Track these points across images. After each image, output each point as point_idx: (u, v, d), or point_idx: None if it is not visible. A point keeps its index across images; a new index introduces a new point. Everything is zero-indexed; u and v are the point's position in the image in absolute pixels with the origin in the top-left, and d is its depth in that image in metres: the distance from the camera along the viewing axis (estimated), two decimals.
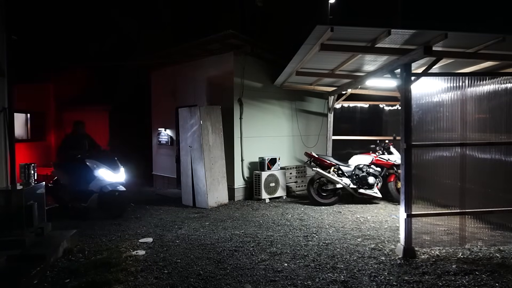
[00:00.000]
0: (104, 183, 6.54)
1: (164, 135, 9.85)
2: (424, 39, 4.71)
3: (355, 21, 4.63)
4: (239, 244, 4.92)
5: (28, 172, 4.80)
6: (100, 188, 6.51)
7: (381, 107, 10.09)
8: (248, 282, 3.73)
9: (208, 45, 7.85)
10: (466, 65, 6.11)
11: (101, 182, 6.53)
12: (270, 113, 8.74)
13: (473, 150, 4.67)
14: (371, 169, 7.53)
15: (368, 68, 6.60)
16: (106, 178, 6.60)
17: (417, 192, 4.53)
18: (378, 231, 5.47)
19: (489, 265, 4.11)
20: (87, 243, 5.04)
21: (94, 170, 6.55)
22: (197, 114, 7.32)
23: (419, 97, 4.57)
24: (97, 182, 6.53)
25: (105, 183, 6.55)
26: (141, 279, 3.82)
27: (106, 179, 6.59)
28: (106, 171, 6.62)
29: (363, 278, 3.79)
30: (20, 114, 10.26)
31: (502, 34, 4.64)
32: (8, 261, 3.97)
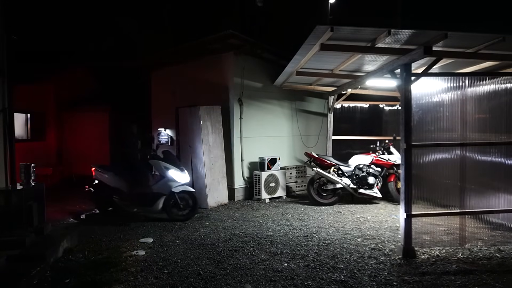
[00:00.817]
0: (175, 185, 6.31)
1: (164, 135, 9.84)
2: (424, 39, 4.71)
3: (355, 21, 4.63)
4: (239, 244, 4.92)
5: (28, 172, 4.80)
6: (169, 189, 6.29)
7: (381, 107, 10.09)
8: (248, 282, 3.73)
9: (208, 45, 7.85)
10: (466, 65, 6.11)
11: (171, 183, 6.27)
12: (270, 113, 8.74)
13: (473, 150, 4.67)
14: (371, 169, 7.53)
15: (368, 68, 6.60)
16: (177, 179, 6.34)
17: (417, 192, 4.54)
18: (378, 231, 5.47)
19: (489, 265, 4.11)
20: (87, 243, 5.04)
21: (164, 171, 6.33)
22: (197, 114, 7.31)
23: (419, 97, 4.57)
24: (167, 183, 6.26)
25: (176, 185, 6.31)
26: (141, 279, 3.82)
27: (177, 180, 6.33)
28: (176, 172, 6.38)
29: (363, 278, 3.79)
30: (20, 114, 10.25)
31: (502, 34, 4.64)
32: (8, 261, 3.97)
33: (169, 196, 6.25)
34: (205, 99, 8.26)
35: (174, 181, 6.29)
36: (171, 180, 6.28)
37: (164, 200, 6.24)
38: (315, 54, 5.60)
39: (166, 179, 6.29)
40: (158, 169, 6.41)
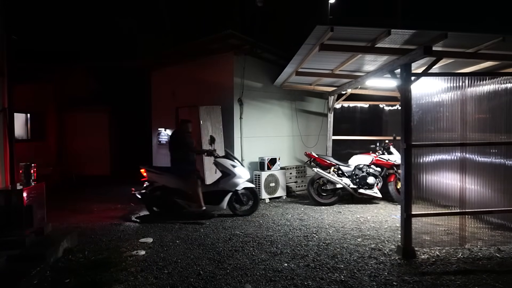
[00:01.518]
0: (241, 181, 6.38)
1: (164, 135, 9.85)
2: (424, 39, 4.71)
3: (355, 21, 4.64)
4: (239, 244, 4.92)
5: (28, 172, 4.80)
6: (236, 186, 6.35)
7: (381, 107, 10.09)
8: (248, 282, 3.73)
9: (208, 45, 7.85)
10: (466, 65, 6.11)
11: (238, 180, 6.35)
12: (270, 113, 8.74)
13: (473, 150, 4.67)
14: (371, 169, 7.53)
15: (368, 68, 6.60)
16: (242, 176, 6.42)
17: (417, 192, 4.54)
18: (378, 231, 5.47)
19: (489, 265, 4.11)
20: (87, 243, 5.04)
21: (231, 168, 6.36)
22: (197, 114, 7.31)
23: (419, 97, 4.57)
24: (234, 180, 6.33)
25: (242, 181, 6.39)
26: (141, 279, 3.82)
27: (242, 177, 6.41)
28: (241, 169, 6.47)
29: (363, 278, 3.79)
30: (20, 114, 10.26)
31: (502, 34, 4.65)
32: (8, 261, 3.97)
33: (233, 193, 6.37)
34: (205, 99, 8.26)
35: (240, 178, 6.39)
36: (238, 177, 6.37)
37: (229, 196, 6.36)
38: (315, 54, 5.60)
39: (233, 177, 6.35)
40: (224, 167, 6.42)
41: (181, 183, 6.31)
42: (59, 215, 6.68)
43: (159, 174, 6.45)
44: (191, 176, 6.26)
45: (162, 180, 6.41)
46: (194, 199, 6.20)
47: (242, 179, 6.41)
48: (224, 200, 6.34)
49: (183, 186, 6.30)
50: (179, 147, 6.33)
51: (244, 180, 6.45)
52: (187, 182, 6.26)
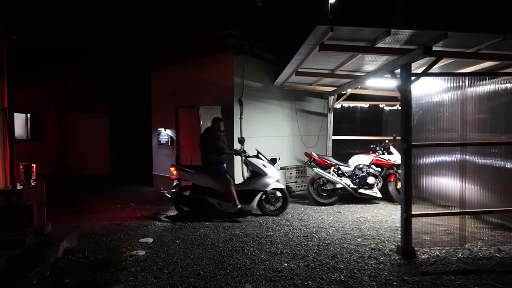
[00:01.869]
0: (272, 181, 6.40)
1: (164, 135, 9.85)
2: (424, 39, 4.71)
3: (355, 21, 4.63)
4: (239, 244, 4.92)
5: (28, 172, 4.80)
6: (267, 186, 6.37)
7: (381, 107, 10.09)
8: (248, 282, 3.73)
9: (208, 45, 7.85)
10: (466, 65, 6.11)
11: (269, 180, 6.37)
12: (270, 113, 8.74)
13: (473, 150, 4.67)
14: (371, 169, 7.53)
15: (368, 68, 6.60)
16: (273, 176, 6.44)
17: (417, 192, 4.54)
18: (378, 231, 5.47)
19: (489, 265, 4.11)
20: (87, 243, 5.04)
21: (263, 168, 6.38)
22: (197, 114, 7.31)
23: (419, 97, 4.57)
24: (265, 180, 6.35)
25: (273, 181, 6.41)
26: (141, 279, 3.82)
27: (273, 176, 6.43)
28: (273, 169, 6.49)
29: (363, 278, 3.79)
30: (20, 114, 10.26)
31: (502, 34, 4.64)
32: (8, 261, 3.97)
33: (264, 193, 6.39)
34: (205, 99, 8.26)
35: (271, 178, 6.41)
36: (269, 177, 6.38)
37: (260, 196, 6.37)
38: (315, 54, 5.60)
39: (264, 176, 6.37)
40: (256, 166, 6.43)
41: (214, 182, 6.31)
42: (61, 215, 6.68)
43: (190, 173, 6.42)
44: (224, 175, 6.28)
45: (193, 179, 6.41)
46: (228, 198, 6.21)
47: (273, 179, 6.44)
48: (255, 200, 6.35)
49: (215, 185, 6.31)
50: (210, 147, 6.33)
51: (275, 180, 6.48)
52: (220, 181, 6.27)
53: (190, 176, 6.41)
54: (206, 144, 6.40)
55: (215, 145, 6.28)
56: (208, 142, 6.34)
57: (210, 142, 6.33)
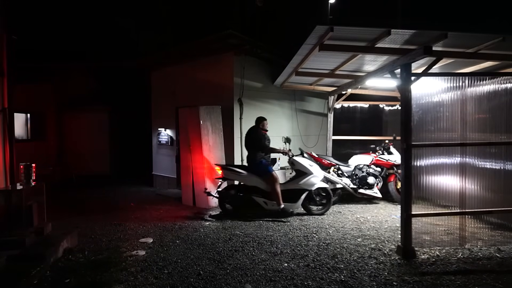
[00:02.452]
0: (318, 180, 6.43)
1: (164, 135, 9.85)
2: (424, 39, 4.71)
3: (355, 21, 4.63)
4: (239, 244, 4.92)
5: (28, 172, 4.80)
6: (313, 185, 6.40)
7: (381, 107, 10.09)
8: (248, 282, 3.73)
9: (208, 45, 7.85)
10: (466, 65, 6.12)
11: (315, 179, 6.39)
12: (270, 113, 8.73)
13: (473, 150, 4.67)
14: (371, 169, 7.53)
15: (368, 68, 6.60)
16: (319, 175, 6.46)
17: (417, 192, 4.54)
18: (378, 231, 5.47)
19: (489, 265, 4.11)
20: (87, 243, 5.04)
21: (309, 168, 6.39)
22: (197, 114, 7.31)
23: (419, 97, 4.57)
24: (311, 179, 6.37)
25: (318, 180, 6.44)
26: (141, 279, 3.82)
27: (319, 175, 6.46)
28: (318, 168, 6.53)
29: (363, 278, 3.79)
30: (20, 114, 10.26)
31: (502, 34, 4.65)
32: (8, 261, 3.97)
33: (309, 192, 6.42)
34: (205, 99, 8.26)
35: (317, 177, 6.43)
36: (314, 176, 6.40)
37: (305, 195, 6.40)
38: (315, 54, 5.60)
39: (310, 176, 6.38)
40: (302, 166, 6.44)
41: (260, 181, 6.35)
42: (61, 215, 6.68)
43: (237, 172, 6.46)
44: (271, 174, 6.30)
45: (239, 178, 6.46)
46: (273, 197, 6.25)
47: (318, 178, 6.47)
48: (300, 199, 6.40)
49: (261, 184, 6.34)
50: (256, 146, 6.37)
51: (320, 179, 6.51)
52: (266, 180, 6.30)
53: (236, 175, 6.46)
54: (252, 143, 6.46)
55: (261, 145, 6.35)
56: (254, 142, 6.40)
57: (256, 141, 6.38)
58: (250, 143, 6.52)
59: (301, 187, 6.41)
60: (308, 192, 6.46)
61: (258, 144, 6.36)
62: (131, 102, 12.51)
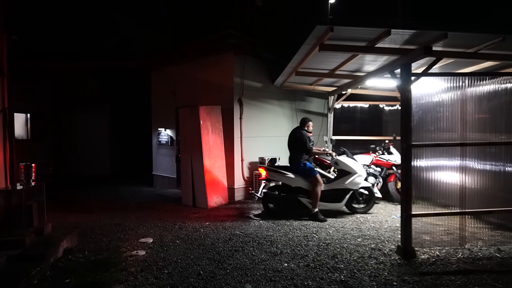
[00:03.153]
0: (362, 180, 6.43)
1: (164, 135, 9.85)
2: (424, 39, 4.71)
3: (355, 21, 4.62)
4: (239, 244, 4.92)
5: (28, 172, 4.79)
6: (358, 185, 6.41)
7: (381, 107, 10.09)
8: (248, 282, 3.73)
9: (208, 45, 7.85)
10: (466, 65, 6.11)
11: (359, 179, 6.40)
12: (270, 113, 8.74)
13: (473, 150, 4.67)
14: (371, 169, 7.53)
15: (368, 68, 6.60)
16: (363, 174, 6.46)
17: (417, 192, 4.54)
18: (378, 231, 5.47)
19: (489, 265, 4.11)
20: (87, 243, 5.04)
21: (353, 168, 6.40)
22: (197, 114, 7.31)
23: (419, 97, 4.57)
24: (355, 179, 6.36)
25: (361, 180, 6.43)
26: (141, 279, 3.82)
27: (363, 175, 6.45)
28: (362, 168, 6.53)
29: (363, 278, 3.79)
30: (20, 114, 10.27)
31: (502, 34, 4.64)
32: (8, 261, 3.97)
33: (353, 191, 6.45)
34: (205, 99, 8.26)
35: (361, 177, 6.43)
36: (359, 176, 6.40)
37: (349, 195, 6.43)
38: (315, 54, 5.60)
39: (355, 175, 6.38)
40: (347, 166, 6.43)
41: (305, 182, 6.36)
42: (61, 215, 6.68)
43: (281, 173, 6.47)
44: (316, 176, 6.30)
45: (284, 179, 6.46)
46: (311, 198, 6.26)
47: (362, 178, 6.47)
48: (345, 199, 6.41)
49: (306, 185, 6.36)
50: (300, 147, 6.36)
51: (363, 179, 6.52)
52: (310, 181, 6.31)
53: (281, 176, 6.46)
54: (297, 145, 6.43)
55: (307, 147, 6.33)
56: (299, 144, 6.37)
57: (301, 143, 6.36)
58: (294, 144, 6.47)
59: (346, 187, 6.41)
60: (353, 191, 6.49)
61: (304, 146, 6.33)
62: (131, 102, 12.52)
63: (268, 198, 6.59)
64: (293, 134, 6.56)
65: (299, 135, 6.39)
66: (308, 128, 6.51)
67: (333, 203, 6.38)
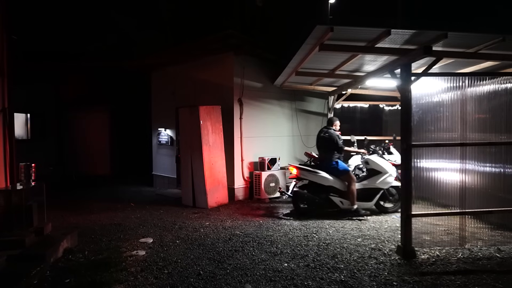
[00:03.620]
0: (391, 179, 6.44)
1: (164, 135, 9.85)
2: (424, 39, 4.70)
3: (355, 21, 4.62)
4: (239, 244, 4.92)
5: (28, 172, 4.79)
6: (389, 184, 6.42)
7: (381, 107, 10.09)
8: (248, 282, 3.73)
9: (208, 45, 7.85)
10: (466, 65, 6.11)
11: (390, 178, 6.43)
12: (270, 113, 8.74)
13: (473, 150, 4.67)
14: None
15: (368, 68, 6.60)
16: (393, 173, 6.46)
17: (417, 192, 4.54)
18: (378, 231, 5.47)
19: (489, 265, 4.11)
20: (87, 243, 5.04)
21: (384, 167, 6.42)
22: (197, 114, 7.31)
23: (419, 97, 4.56)
24: (386, 178, 6.40)
25: (392, 179, 6.45)
26: (141, 279, 3.82)
27: (393, 174, 6.46)
28: (392, 167, 6.53)
29: (363, 278, 3.79)
30: (20, 114, 10.27)
31: (502, 34, 4.64)
32: (8, 261, 3.97)
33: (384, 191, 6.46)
34: (205, 99, 8.27)
35: (391, 176, 6.45)
36: (390, 175, 6.43)
37: (380, 194, 6.44)
38: (315, 54, 5.60)
39: (385, 175, 6.40)
40: (377, 165, 6.47)
41: (336, 180, 6.40)
42: (61, 215, 6.68)
43: (313, 172, 6.49)
44: (349, 174, 6.34)
45: (315, 178, 6.47)
46: (348, 196, 6.29)
47: (392, 177, 6.49)
48: (375, 198, 6.44)
49: (337, 184, 6.39)
50: (331, 147, 6.41)
51: (393, 178, 6.53)
52: (343, 179, 6.35)
53: (313, 175, 6.48)
54: (327, 144, 6.47)
55: (339, 146, 6.39)
56: (330, 143, 6.42)
57: (332, 142, 6.41)
58: (325, 144, 6.51)
59: (377, 186, 6.43)
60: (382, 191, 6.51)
61: (335, 145, 6.39)
62: (131, 102, 12.52)
63: (299, 197, 6.56)
64: (322, 134, 6.62)
65: (329, 135, 6.45)
66: (335, 127, 6.61)
67: (364, 202, 6.41)
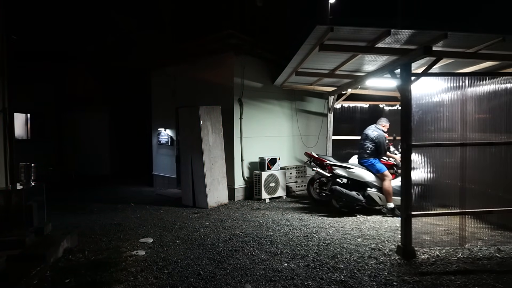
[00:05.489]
0: None
1: (164, 135, 9.85)
2: (424, 39, 4.70)
3: (355, 21, 4.62)
4: (239, 244, 4.92)
5: (28, 172, 4.79)
6: None
7: (381, 107, 10.09)
8: (248, 282, 3.73)
9: (208, 45, 7.85)
10: (466, 65, 6.11)
11: None
12: (270, 113, 8.74)
13: (473, 150, 4.67)
14: None
15: (368, 68, 6.60)
16: None
17: (417, 192, 4.53)
18: (378, 231, 5.47)
19: (489, 265, 4.11)
20: (87, 243, 5.04)
21: None
22: (197, 114, 7.31)
23: (419, 97, 4.57)
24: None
25: None
26: (141, 279, 3.82)
27: None
28: None
29: (363, 278, 3.79)
30: (20, 114, 10.27)
31: (502, 34, 4.64)
32: (8, 261, 3.97)
33: None
34: (205, 99, 8.26)
35: None
36: None
37: None
38: (315, 54, 5.60)
39: None
40: None
41: (374, 177, 6.48)
42: (61, 215, 6.68)
43: (346, 168, 6.62)
44: (384, 172, 6.39)
45: (352, 175, 6.58)
46: (384, 194, 6.35)
47: None
48: None
49: (375, 181, 6.48)
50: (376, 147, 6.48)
51: None
52: (380, 177, 6.44)
53: (347, 172, 6.61)
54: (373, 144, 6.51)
55: (384, 147, 6.51)
56: (377, 144, 6.48)
57: (380, 145, 6.48)
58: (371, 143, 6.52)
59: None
60: None
61: (382, 148, 6.51)
62: (131, 102, 12.52)
63: (337, 194, 6.54)
64: (370, 132, 6.63)
65: (378, 136, 6.50)
66: (384, 128, 6.65)
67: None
